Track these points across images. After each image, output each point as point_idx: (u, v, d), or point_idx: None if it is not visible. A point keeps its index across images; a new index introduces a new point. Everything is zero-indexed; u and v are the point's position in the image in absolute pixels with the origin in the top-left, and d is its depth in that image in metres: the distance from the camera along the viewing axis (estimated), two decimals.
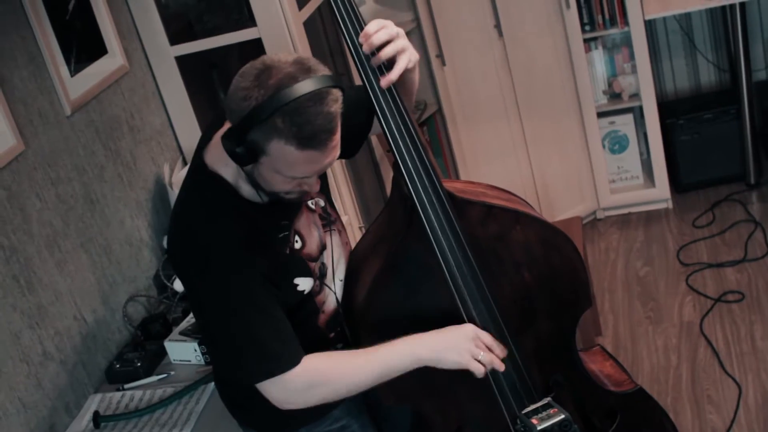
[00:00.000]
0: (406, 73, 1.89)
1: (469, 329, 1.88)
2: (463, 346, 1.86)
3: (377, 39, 1.80)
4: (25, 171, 2.33)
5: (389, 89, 1.85)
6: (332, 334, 2.03)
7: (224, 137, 1.72)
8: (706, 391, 3.17)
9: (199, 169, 1.86)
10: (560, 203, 4.31)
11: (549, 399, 1.91)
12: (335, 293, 2.02)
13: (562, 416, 1.82)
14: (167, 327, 2.60)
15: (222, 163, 1.82)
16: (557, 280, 2.05)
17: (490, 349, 1.88)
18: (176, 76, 2.96)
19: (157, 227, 2.85)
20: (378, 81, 1.84)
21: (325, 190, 2.06)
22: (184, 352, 2.48)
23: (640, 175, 4.39)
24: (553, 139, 4.23)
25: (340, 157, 2.13)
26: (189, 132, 3.02)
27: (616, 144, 4.34)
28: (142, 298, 2.72)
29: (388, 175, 3.57)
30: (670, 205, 4.33)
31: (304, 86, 1.63)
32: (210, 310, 1.82)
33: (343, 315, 2.03)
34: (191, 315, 2.58)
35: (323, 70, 1.70)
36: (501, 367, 1.88)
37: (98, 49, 2.69)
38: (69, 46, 2.55)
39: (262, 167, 1.73)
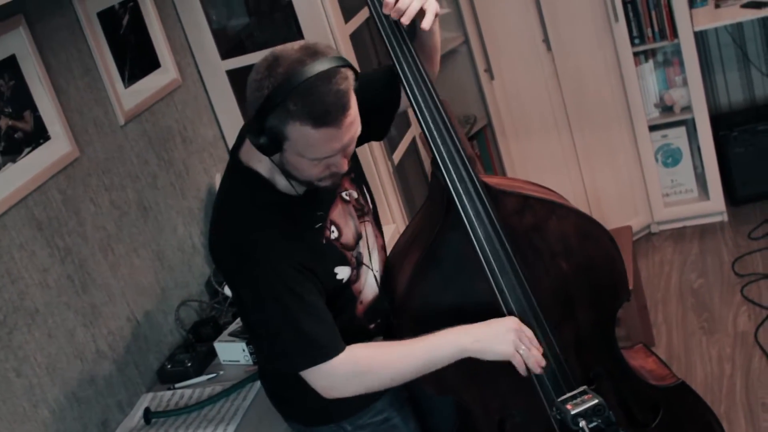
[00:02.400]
0: (427, 33, 1.97)
1: (512, 321, 1.91)
2: (508, 337, 1.88)
3: (402, 3, 1.88)
4: (80, 176, 2.43)
5: (414, 60, 1.92)
6: (372, 326, 2.07)
7: (247, 130, 1.79)
8: (761, 399, 3.12)
9: (234, 167, 1.94)
10: (613, 217, 4.29)
11: (584, 387, 1.92)
12: (376, 281, 2.06)
13: (596, 401, 1.82)
14: (218, 330, 2.66)
15: (256, 159, 1.89)
16: (594, 270, 2.07)
17: (531, 344, 1.91)
18: (227, 89, 3.05)
19: (208, 235, 2.92)
20: (402, 48, 1.91)
21: (358, 182, 2.11)
22: (232, 352, 2.54)
23: (694, 189, 4.36)
24: (605, 152, 4.23)
25: (372, 138, 2.20)
26: None
27: (669, 157, 4.32)
28: (194, 302, 2.79)
29: None
30: (725, 218, 4.29)
31: (312, 68, 1.70)
32: (253, 302, 1.87)
33: (389, 305, 2.08)
34: (239, 318, 2.64)
35: (330, 53, 1.77)
36: (537, 366, 1.90)
37: (151, 63, 2.79)
38: (123, 59, 2.66)
39: (287, 154, 1.79)
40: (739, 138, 4.21)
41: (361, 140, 1.97)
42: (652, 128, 4.21)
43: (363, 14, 3.16)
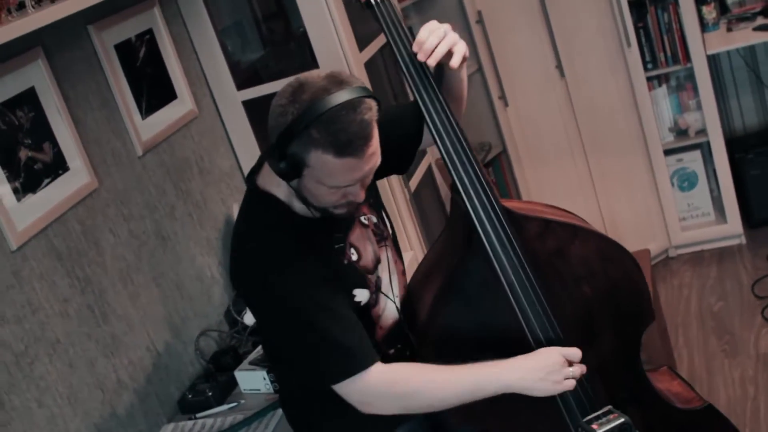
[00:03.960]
0: (454, 72, 1.96)
1: (556, 356, 1.86)
2: (556, 375, 1.85)
3: (430, 44, 1.86)
4: (99, 207, 2.43)
5: (438, 100, 1.91)
6: (391, 351, 2.06)
7: (267, 155, 1.79)
8: None
9: (252, 192, 1.94)
10: (631, 242, 4.23)
11: (609, 406, 1.90)
12: (396, 305, 2.05)
13: (622, 419, 1.81)
14: (238, 359, 2.65)
15: (274, 184, 1.89)
16: (618, 293, 2.05)
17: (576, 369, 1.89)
18: (243, 120, 3.06)
19: (226, 265, 2.93)
20: (427, 88, 1.90)
21: (377, 207, 2.11)
22: (253, 381, 2.52)
23: (711, 212, 4.34)
24: (621, 178, 4.23)
25: (393, 172, 2.20)
26: None
27: (685, 181, 4.31)
28: (213, 332, 2.78)
29: None
30: (743, 240, 4.27)
31: (337, 97, 1.70)
32: (279, 322, 1.86)
33: (410, 334, 2.06)
34: (261, 346, 2.63)
35: (356, 82, 1.77)
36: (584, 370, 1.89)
37: (168, 95, 2.81)
38: (140, 91, 2.67)
39: (306, 180, 1.79)
40: (755, 160, 4.20)
41: (382, 174, 1.96)
42: (668, 152, 4.21)
43: (377, 43, 3.17)
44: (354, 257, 1.96)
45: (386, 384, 1.85)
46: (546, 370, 1.85)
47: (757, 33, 3.89)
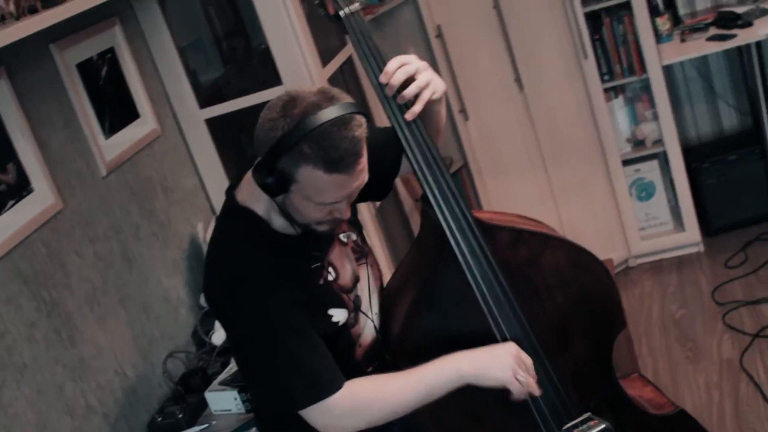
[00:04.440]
0: (431, 105, 1.95)
1: (512, 346, 1.89)
2: (506, 362, 1.86)
3: (396, 80, 1.87)
4: (64, 229, 2.40)
5: (414, 122, 1.91)
6: (370, 368, 2.05)
7: (254, 170, 1.78)
8: (752, 425, 3.12)
9: (230, 206, 1.92)
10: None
11: (588, 413, 1.91)
12: (374, 324, 2.04)
13: (603, 425, 1.82)
14: (207, 380, 2.62)
15: (253, 199, 1.87)
16: (590, 301, 2.06)
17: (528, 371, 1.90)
18: (207, 138, 3.04)
19: (193, 286, 2.90)
20: (401, 114, 1.91)
21: (356, 225, 2.10)
22: (224, 401, 2.50)
23: (669, 221, 4.40)
24: (580, 189, 4.27)
25: (372, 198, 2.20)
26: (221, 192, 3.05)
27: (643, 191, 4.37)
28: (181, 354, 2.75)
29: (417, 230, 3.61)
30: (701, 248, 4.33)
31: (329, 113, 1.69)
32: (249, 341, 1.84)
33: (384, 349, 2.05)
34: (230, 366, 2.61)
35: (346, 98, 1.76)
36: (537, 391, 1.89)
37: (131, 114, 2.78)
38: (103, 110, 2.64)
39: (293, 196, 1.77)
40: (711, 169, 4.27)
41: (361, 198, 1.95)
42: (625, 163, 4.26)
43: (341, 58, 3.18)
44: (331, 277, 1.94)
45: (349, 405, 1.84)
46: (498, 356, 1.86)
47: (711, 43, 3.96)
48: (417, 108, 1.90)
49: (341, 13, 1.94)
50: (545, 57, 4.05)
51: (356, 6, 1.95)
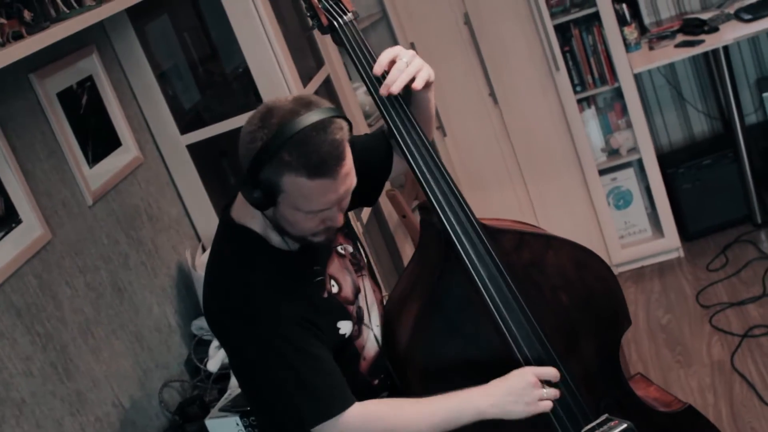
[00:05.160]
0: (424, 92, 1.96)
1: (528, 375, 1.86)
2: (528, 397, 1.84)
3: (391, 79, 1.87)
4: (53, 260, 2.35)
5: (408, 118, 1.90)
6: (376, 381, 2.02)
7: (240, 185, 1.75)
8: (749, 424, 3.13)
9: (227, 225, 1.89)
10: None
11: (606, 415, 1.90)
12: (376, 337, 2.02)
13: (625, 425, 1.80)
14: (204, 408, 2.57)
15: (249, 217, 1.85)
16: (594, 299, 2.06)
17: (549, 382, 1.88)
18: (189, 164, 3.01)
19: (183, 314, 2.85)
20: (401, 115, 1.89)
21: (351, 237, 2.08)
22: (226, 428, 2.44)
23: (647, 228, 4.42)
24: (559, 200, 4.28)
25: (363, 204, 2.18)
26: (206, 219, 3.05)
27: (621, 200, 4.39)
28: (176, 383, 2.70)
29: (403, 248, 3.60)
30: (681, 253, 4.35)
31: (307, 118, 1.68)
32: (255, 361, 1.81)
33: (389, 362, 2.02)
34: (228, 392, 2.56)
35: (324, 104, 1.75)
36: (558, 395, 1.87)
37: (113, 142, 2.74)
38: (85, 139, 2.60)
39: (282, 207, 1.75)
40: (685, 174, 4.30)
41: (352, 205, 1.94)
42: (601, 172, 4.29)
43: (321, 76, 3.16)
44: (334, 289, 1.92)
45: (363, 424, 1.81)
46: (518, 393, 1.84)
47: (679, 49, 4.00)
48: (419, 82, 1.89)
49: (335, 23, 1.93)
50: (518, 70, 4.07)
51: (350, 16, 1.95)
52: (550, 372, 1.88)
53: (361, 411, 1.82)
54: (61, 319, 2.31)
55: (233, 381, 2.61)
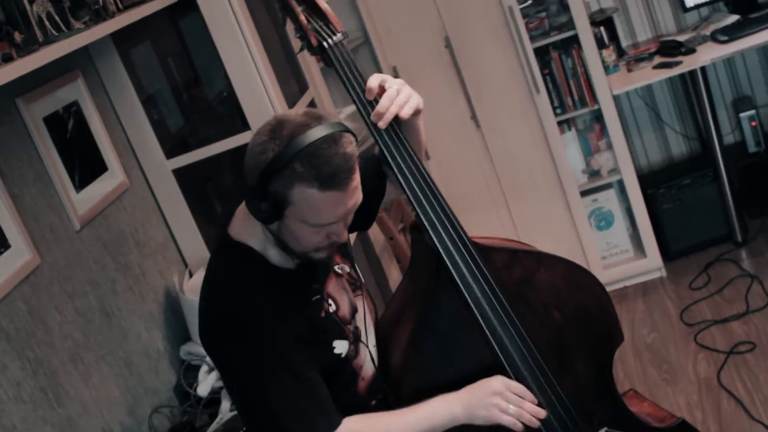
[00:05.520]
0: (411, 120, 1.97)
1: (495, 383, 1.87)
2: (489, 402, 1.85)
3: (382, 107, 1.88)
4: (42, 285, 2.33)
5: (399, 138, 1.91)
6: (373, 402, 2.01)
7: (247, 198, 1.75)
8: None
9: (224, 242, 1.88)
10: None
11: (606, 428, 1.90)
12: (372, 358, 2.01)
13: None
14: None
15: (248, 234, 1.84)
16: (587, 316, 2.06)
17: (521, 399, 1.87)
18: (175, 189, 3.00)
19: (171, 339, 2.84)
20: (391, 137, 1.90)
21: (349, 257, 2.08)
22: None
23: (629, 248, 4.45)
24: (541, 222, 4.30)
25: (358, 228, 2.18)
26: (192, 244, 3.04)
27: (602, 220, 4.41)
28: (165, 409, 2.68)
29: (389, 270, 3.60)
30: (663, 273, 4.37)
31: (318, 131, 1.68)
32: (246, 380, 1.80)
33: (384, 382, 2.02)
34: (219, 417, 2.55)
35: (334, 118, 1.76)
36: (533, 420, 1.86)
37: (100, 167, 2.73)
38: (72, 164, 2.59)
39: (288, 221, 1.74)
40: (666, 194, 4.33)
41: (350, 229, 1.93)
42: (583, 193, 4.31)
43: (305, 100, 3.17)
44: (332, 308, 1.91)
45: None
46: (481, 396, 1.85)
47: (658, 71, 4.05)
48: (406, 111, 1.90)
49: (325, 44, 1.94)
50: (499, 94, 4.10)
51: (339, 37, 1.96)
52: (518, 387, 1.87)
53: (345, 429, 1.81)
54: (51, 344, 2.29)
55: (224, 405, 2.60)
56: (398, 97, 1.90)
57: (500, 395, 1.85)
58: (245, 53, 2.83)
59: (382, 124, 1.88)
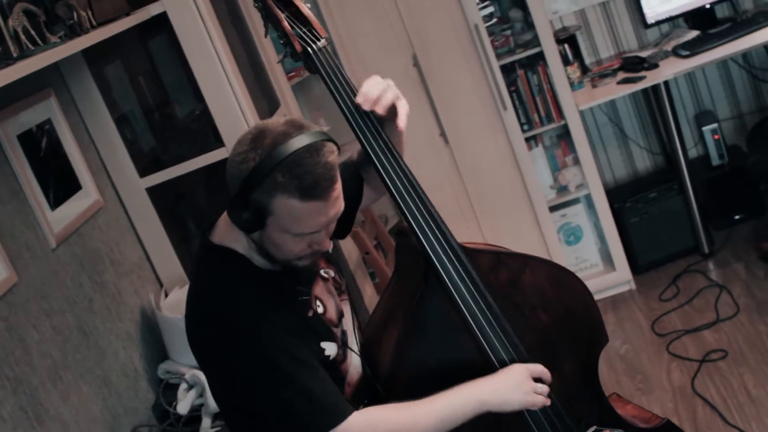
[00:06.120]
0: (394, 128, 1.99)
1: (521, 368, 1.89)
2: (526, 386, 1.86)
3: (374, 94, 1.90)
4: (20, 302, 2.29)
5: (384, 142, 1.92)
6: (360, 407, 2.00)
7: (229, 207, 1.74)
8: None
9: (208, 249, 1.86)
10: None
11: (595, 427, 1.90)
12: (358, 363, 2.00)
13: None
14: None
15: (231, 239, 1.83)
16: (572, 317, 2.08)
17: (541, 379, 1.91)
18: (149, 207, 2.97)
19: (149, 358, 2.80)
20: (377, 138, 1.91)
21: (333, 262, 2.07)
22: None
23: (599, 263, 4.48)
24: (511, 237, 4.31)
25: (336, 236, 2.17)
26: (167, 263, 3.01)
27: (571, 235, 4.45)
28: (144, 428, 2.64)
29: (363, 288, 3.59)
30: (633, 286, 4.41)
31: (300, 140, 1.68)
32: (248, 382, 1.77)
33: (371, 386, 2.01)
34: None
35: (315, 127, 1.76)
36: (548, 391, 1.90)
37: (74, 185, 2.70)
38: (47, 182, 2.56)
39: (270, 230, 1.74)
40: (633, 208, 4.38)
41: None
42: (552, 209, 4.34)
43: (280, 113, 3.17)
44: (320, 309, 1.91)
45: (368, 428, 1.79)
46: (515, 383, 1.86)
47: (622, 86, 4.11)
48: (401, 121, 1.95)
49: (309, 49, 1.95)
50: (467, 111, 4.13)
51: (323, 42, 1.96)
52: (539, 368, 1.90)
53: (361, 419, 1.80)
54: (29, 363, 2.25)
55: (205, 422, 2.57)
56: (390, 90, 1.92)
57: (529, 378, 1.88)
58: (218, 69, 2.83)
59: (379, 109, 1.88)
